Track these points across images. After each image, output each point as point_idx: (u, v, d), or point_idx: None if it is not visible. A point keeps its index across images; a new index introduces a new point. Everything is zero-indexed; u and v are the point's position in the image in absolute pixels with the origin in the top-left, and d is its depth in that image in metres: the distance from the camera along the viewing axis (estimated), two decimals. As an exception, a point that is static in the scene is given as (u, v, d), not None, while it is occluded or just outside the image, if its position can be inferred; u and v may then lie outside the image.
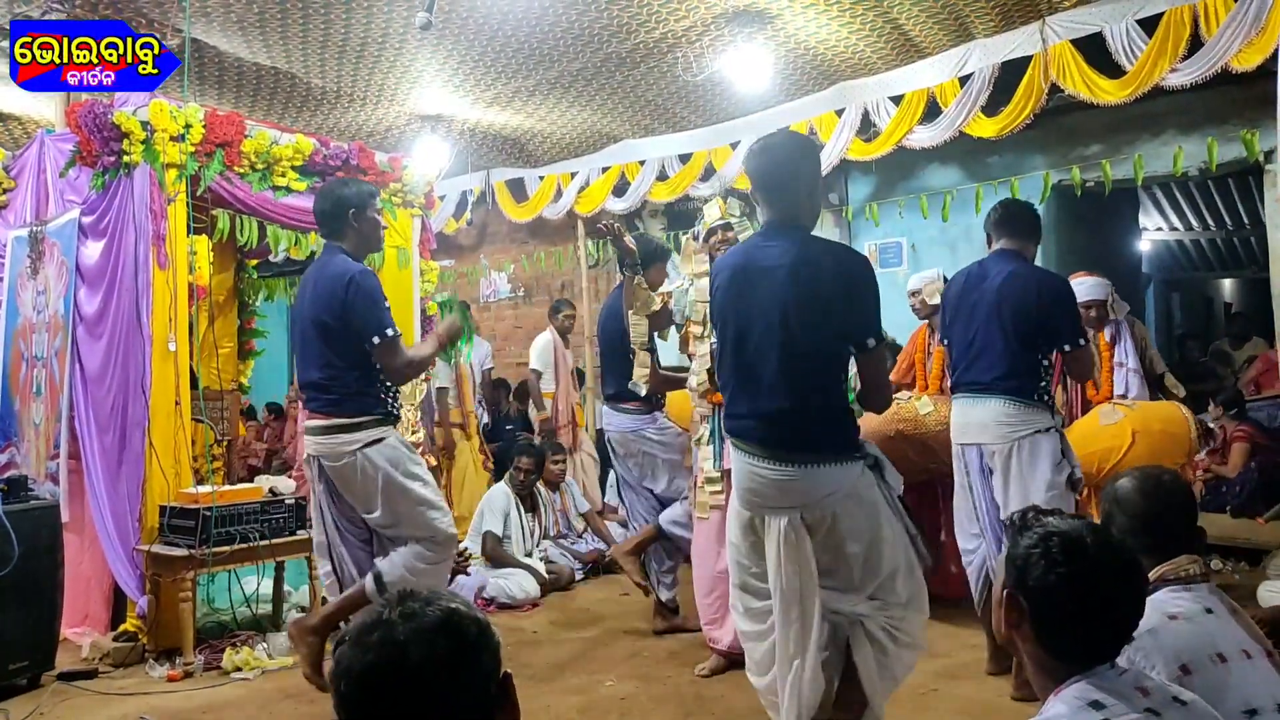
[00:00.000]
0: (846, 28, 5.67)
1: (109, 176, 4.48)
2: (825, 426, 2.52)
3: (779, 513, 2.52)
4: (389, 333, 3.27)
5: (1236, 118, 5.70)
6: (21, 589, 3.83)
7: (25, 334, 5.12)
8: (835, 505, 2.49)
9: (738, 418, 2.62)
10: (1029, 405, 3.37)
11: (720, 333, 2.68)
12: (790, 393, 2.49)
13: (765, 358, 2.52)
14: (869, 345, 2.52)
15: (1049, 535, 1.49)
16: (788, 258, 2.50)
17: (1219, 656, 1.70)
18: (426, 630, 1.11)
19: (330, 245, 3.46)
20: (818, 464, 2.48)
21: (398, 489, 3.32)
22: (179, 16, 5.17)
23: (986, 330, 3.44)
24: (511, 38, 5.73)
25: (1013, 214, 3.64)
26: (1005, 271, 3.47)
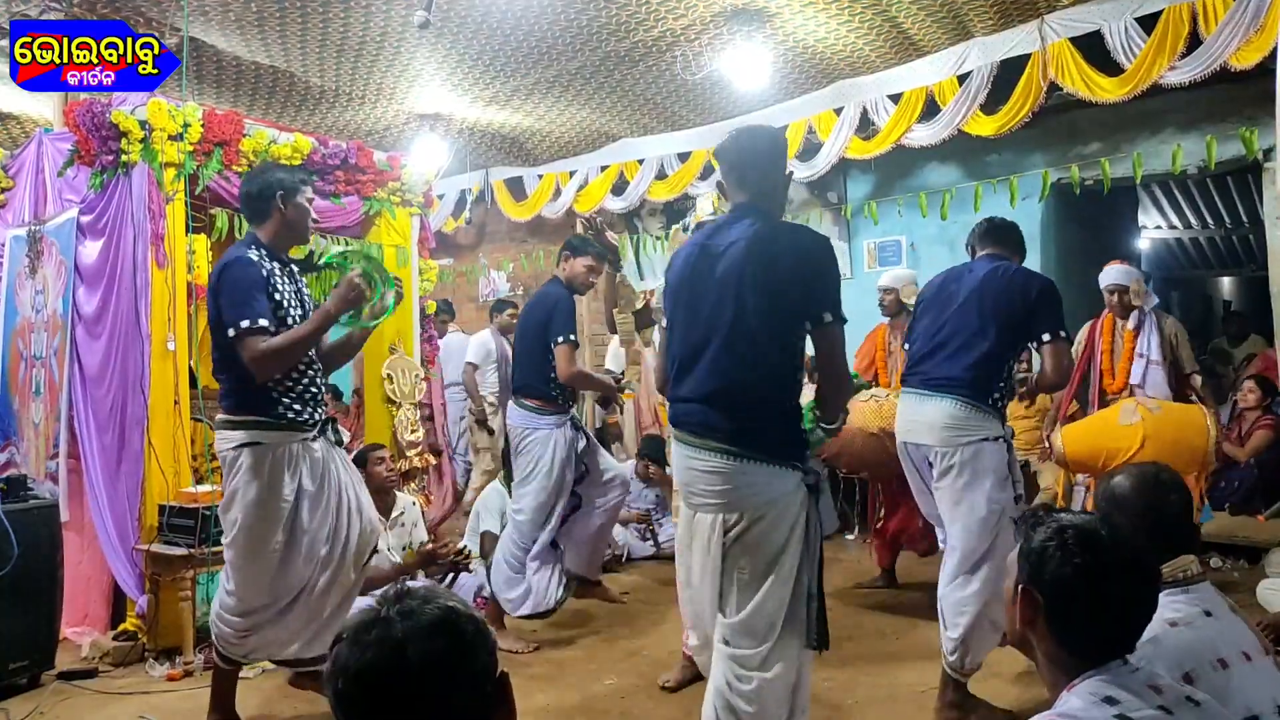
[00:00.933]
0: (845, 26, 5.67)
1: (107, 176, 4.48)
2: (765, 419, 2.36)
3: (706, 509, 2.39)
4: (244, 324, 2.97)
5: (1235, 116, 5.70)
6: (21, 588, 3.83)
7: (24, 333, 5.12)
8: (755, 511, 2.31)
9: (678, 402, 2.48)
10: (980, 410, 3.20)
11: (670, 315, 2.56)
12: (732, 373, 2.36)
13: (712, 336, 2.39)
14: (825, 319, 2.37)
15: (1064, 529, 1.50)
16: (746, 235, 2.41)
17: (1220, 662, 1.70)
18: (424, 628, 1.11)
19: (247, 235, 3.26)
20: (750, 459, 2.31)
21: (234, 503, 3.12)
22: (177, 15, 5.17)
23: (960, 318, 3.31)
24: (510, 36, 5.73)
25: (998, 226, 3.61)
26: (990, 265, 3.44)
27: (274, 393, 3.11)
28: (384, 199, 5.32)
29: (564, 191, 8.12)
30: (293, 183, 3.22)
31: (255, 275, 3.07)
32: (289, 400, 3.15)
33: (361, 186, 5.16)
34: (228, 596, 3.21)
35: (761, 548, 2.32)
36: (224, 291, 3.05)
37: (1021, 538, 1.56)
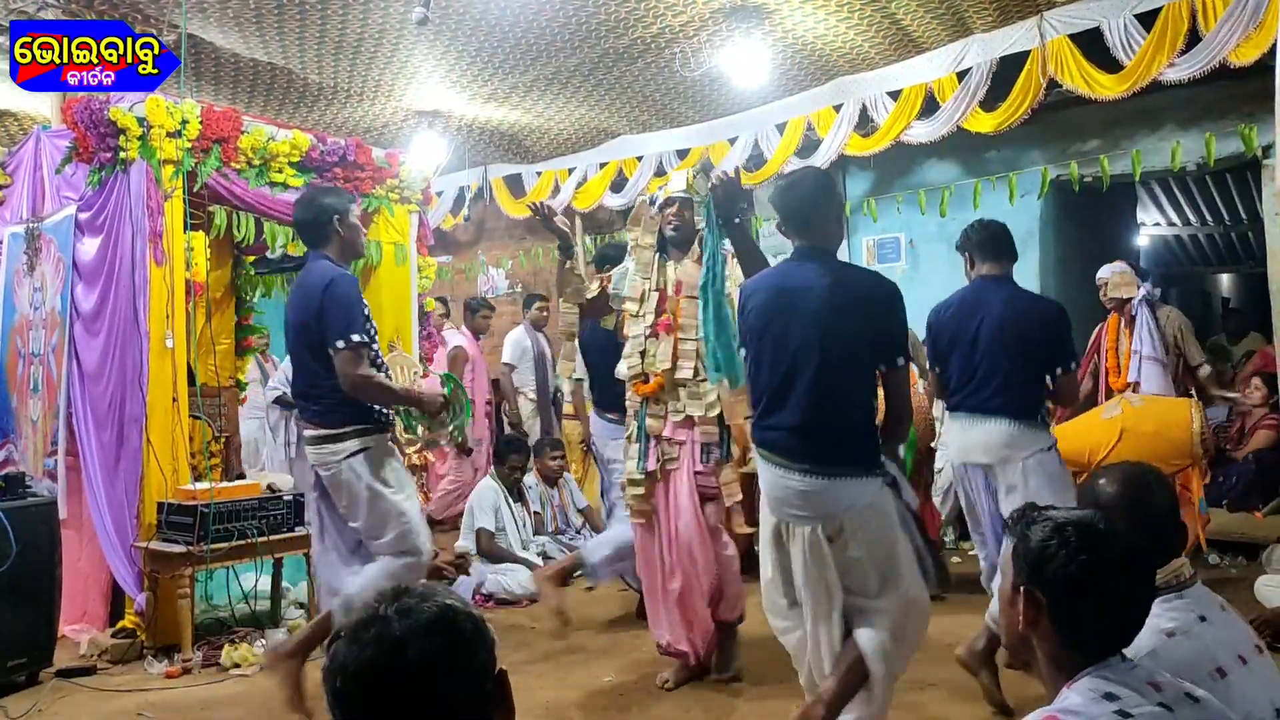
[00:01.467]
0: (844, 23, 5.66)
1: (105, 173, 4.47)
2: (852, 441, 2.70)
3: (803, 521, 2.70)
4: (354, 338, 3.22)
5: (1234, 113, 5.69)
6: (19, 586, 3.83)
7: (22, 330, 5.11)
8: (855, 517, 2.66)
9: (769, 429, 2.77)
10: (1031, 426, 3.42)
11: (754, 349, 2.83)
12: (822, 407, 2.68)
13: (800, 373, 2.69)
14: (898, 363, 2.74)
15: (1063, 526, 1.49)
16: (824, 280, 2.72)
17: (1218, 671, 1.69)
18: (422, 627, 1.11)
19: (314, 254, 3.46)
20: (842, 476, 2.66)
21: (376, 497, 3.32)
22: (175, 13, 5.16)
23: (991, 358, 3.47)
24: (509, 33, 5.73)
25: (993, 236, 3.63)
26: (1003, 299, 3.52)
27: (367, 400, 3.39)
28: (382, 196, 5.31)
29: (563, 189, 8.11)
30: (343, 205, 3.46)
31: (359, 293, 3.36)
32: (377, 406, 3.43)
33: (360, 183, 5.16)
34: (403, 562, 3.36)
35: (876, 542, 2.69)
36: (330, 305, 3.23)
37: (1015, 538, 1.54)
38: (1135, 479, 1.92)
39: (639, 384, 3.71)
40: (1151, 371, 4.97)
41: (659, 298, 3.70)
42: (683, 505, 3.64)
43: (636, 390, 3.72)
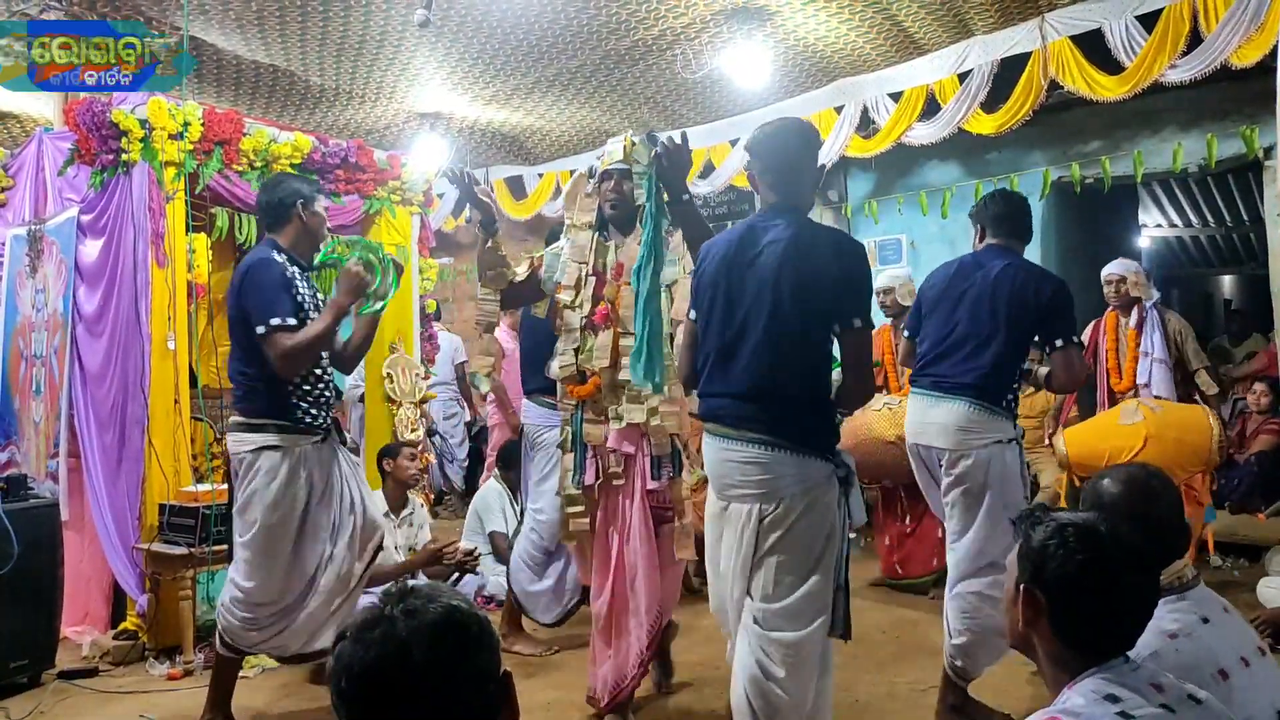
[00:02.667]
0: (846, 24, 5.67)
1: (107, 175, 4.47)
2: (800, 412, 2.44)
3: (742, 500, 2.44)
4: (273, 321, 3.07)
5: (1236, 114, 5.69)
6: (21, 587, 3.83)
7: (24, 332, 5.12)
8: (793, 500, 2.39)
9: (712, 396, 2.54)
10: (993, 413, 3.14)
11: (705, 309, 2.57)
12: (769, 368, 2.43)
13: (748, 332, 2.46)
14: (854, 324, 2.45)
15: (1064, 526, 1.49)
16: (785, 236, 2.47)
17: (1221, 674, 1.70)
18: (428, 627, 1.11)
19: (264, 241, 3.37)
20: (785, 450, 2.39)
21: (248, 504, 3.21)
22: (177, 14, 5.17)
23: (973, 319, 3.21)
24: (510, 35, 5.73)
25: (1012, 211, 3.42)
26: (1003, 263, 3.28)
27: (293, 397, 3.23)
28: (384, 198, 5.32)
29: (564, 190, 8.10)
30: (310, 192, 3.38)
31: (280, 275, 3.20)
32: (306, 404, 3.27)
33: (362, 185, 5.16)
34: (238, 591, 3.29)
35: (803, 536, 2.40)
36: (250, 291, 3.15)
37: (1020, 538, 1.55)
38: (1139, 481, 1.91)
39: (574, 385, 3.27)
40: (1160, 375, 4.94)
41: (596, 283, 3.25)
42: (634, 528, 3.21)
43: (571, 393, 3.28)
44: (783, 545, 2.39)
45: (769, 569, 2.41)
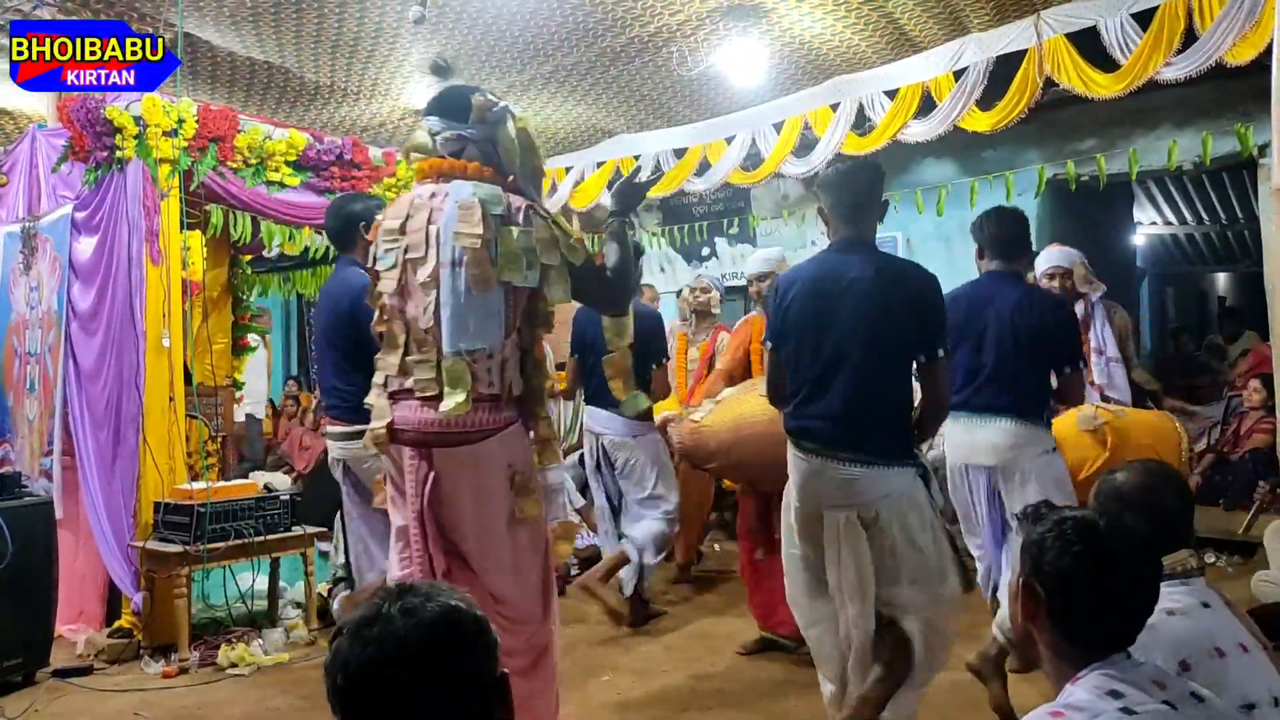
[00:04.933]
0: (841, 22, 5.67)
1: (102, 172, 4.46)
2: (889, 430, 2.72)
3: (837, 510, 2.71)
4: None
5: (1231, 112, 5.71)
6: (16, 586, 3.82)
7: (19, 330, 5.10)
8: (890, 506, 2.69)
9: (809, 418, 2.77)
10: (1035, 426, 3.35)
11: (796, 338, 2.81)
12: (864, 396, 2.69)
13: (844, 362, 2.70)
14: (938, 355, 2.75)
15: (1063, 520, 1.51)
16: (868, 269, 2.73)
17: (1217, 651, 1.71)
18: (426, 626, 1.11)
19: (343, 258, 3.74)
20: (879, 465, 2.68)
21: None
22: (172, 11, 5.15)
23: (998, 355, 3.38)
24: (505, 32, 5.72)
25: (1008, 232, 3.52)
26: (1014, 298, 3.42)
27: None
28: (380, 195, 5.31)
29: (560, 188, 8.10)
30: (368, 210, 3.61)
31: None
32: None
33: (357, 182, 5.15)
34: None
35: (913, 529, 2.72)
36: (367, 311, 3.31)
37: (1023, 533, 1.56)
38: (1155, 472, 1.99)
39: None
40: (1117, 374, 4.70)
41: None
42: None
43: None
44: (902, 542, 2.70)
45: (893, 563, 2.71)
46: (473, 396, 2.38)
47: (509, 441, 2.47)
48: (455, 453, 2.41)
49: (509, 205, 2.44)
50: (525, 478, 2.47)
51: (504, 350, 2.43)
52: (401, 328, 2.48)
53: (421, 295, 2.43)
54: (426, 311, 2.42)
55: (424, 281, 2.43)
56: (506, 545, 2.46)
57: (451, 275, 2.40)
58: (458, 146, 2.53)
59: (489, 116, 2.51)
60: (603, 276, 2.56)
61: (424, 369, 2.41)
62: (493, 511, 2.43)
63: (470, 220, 2.38)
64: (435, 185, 2.50)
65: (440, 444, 2.41)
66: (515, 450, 2.49)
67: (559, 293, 2.47)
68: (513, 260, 2.38)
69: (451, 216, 2.40)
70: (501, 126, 2.51)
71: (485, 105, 2.50)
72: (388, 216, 2.56)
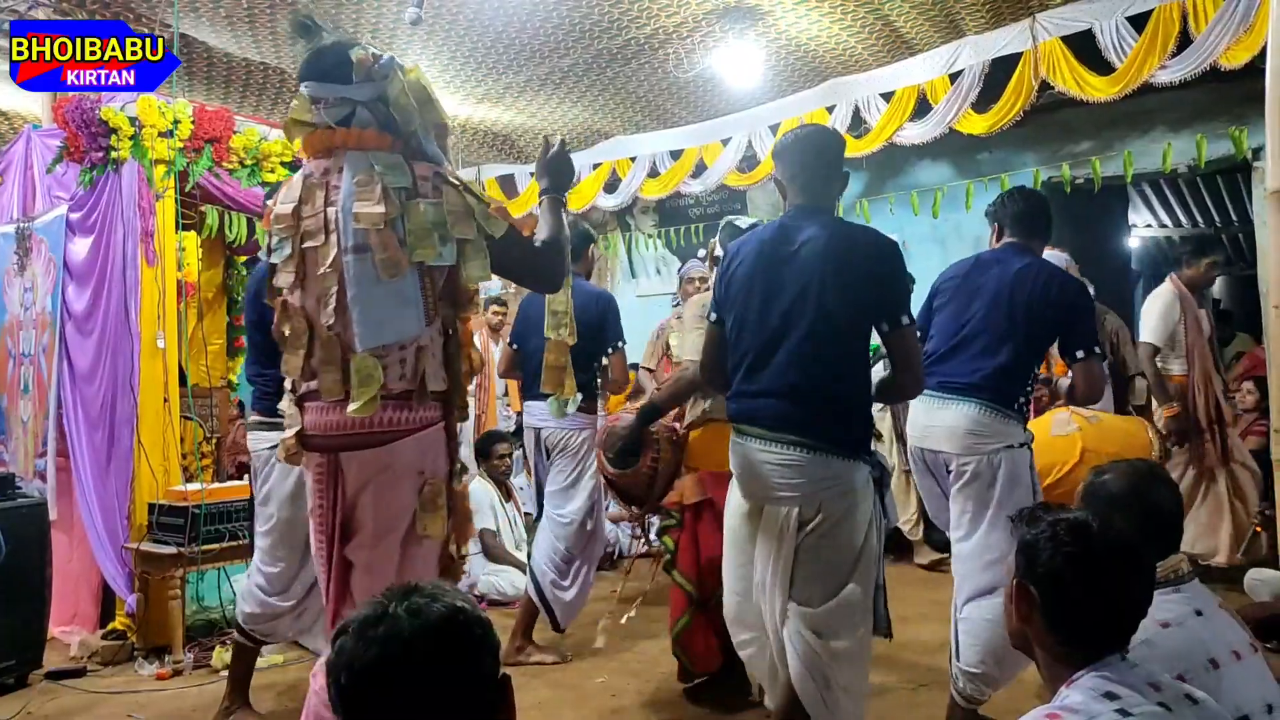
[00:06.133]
0: (837, 24, 5.68)
1: (97, 172, 4.45)
2: (838, 414, 2.42)
3: (780, 502, 2.43)
4: None
5: (1225, 115, 5.72)
6: (9, 587, 3.81)
7: (12, 331, 5.09)
8: (833, 503, 2.39)
9: (747, 397, 2.50)
10: (1004, 416, 2.98)
11: (740, 308, 2.54)
12: (809, 369, 2.41)
13: (790, 330, 2.43)
14: (903, 322, 2.45)
15: (1056, 521, 1.51)
16: (822, 234, 2.46)
17: (1212, 663, 1.71)
18: (431, 627, 1.10)
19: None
20: (823, 452, 2.38)
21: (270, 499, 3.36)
22: (168, 12, 5.15)
23: (988, 315, 3.05)
24: (502, 33, 5.73)
25: (1034, 209, 3.28)
26: (1023, 261, 3.12)
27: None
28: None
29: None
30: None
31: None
32: None
33: (352, 184, 5.15)
34: (258, 580, 3.39)
35: (845, 539, 2.40)
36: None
37: (1017, 535, 1.56)
38: (1143, 474, 1.95)
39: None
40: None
41: None
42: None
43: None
44: (824, 548, 2.40)
45: (812, 572, 2.41)
46: (381, 394, 2.08)
47: (425, 445, 2.15)
48: (362, 456, 2.11)
49: (413, 175, 2.14)
50: (435, 490, 2.15)
51: (420, 339, 2.13)
52: (304, 325, 2.18)
53: (322, 288, 2.14)
54: (329, 306, 2.12)
55: (324, 272, 2.13)
56: (394, 563, 2.13)
57: (356, 262, 2.09)
58: (344, 112, 2.19)
59: (375, 73, 2.19)
60: (529, 249, 2.27)
61: (331, 370, 2.12)
62: (390, 524, 2.12)
63: (370, 197, 2.08)
64: (328, 161, 2.19)
65: (347, 448, 2.12)
66: (430, 456, 2.16)
67: (476, 269, 2.16)
68: (424, 237, 2.08)
69: (349, 195, 2.10)
70: (392, 81, 2.19)
71: (368, 59, 2.19)
72: (279, 201, 2.25)
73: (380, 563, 2.12)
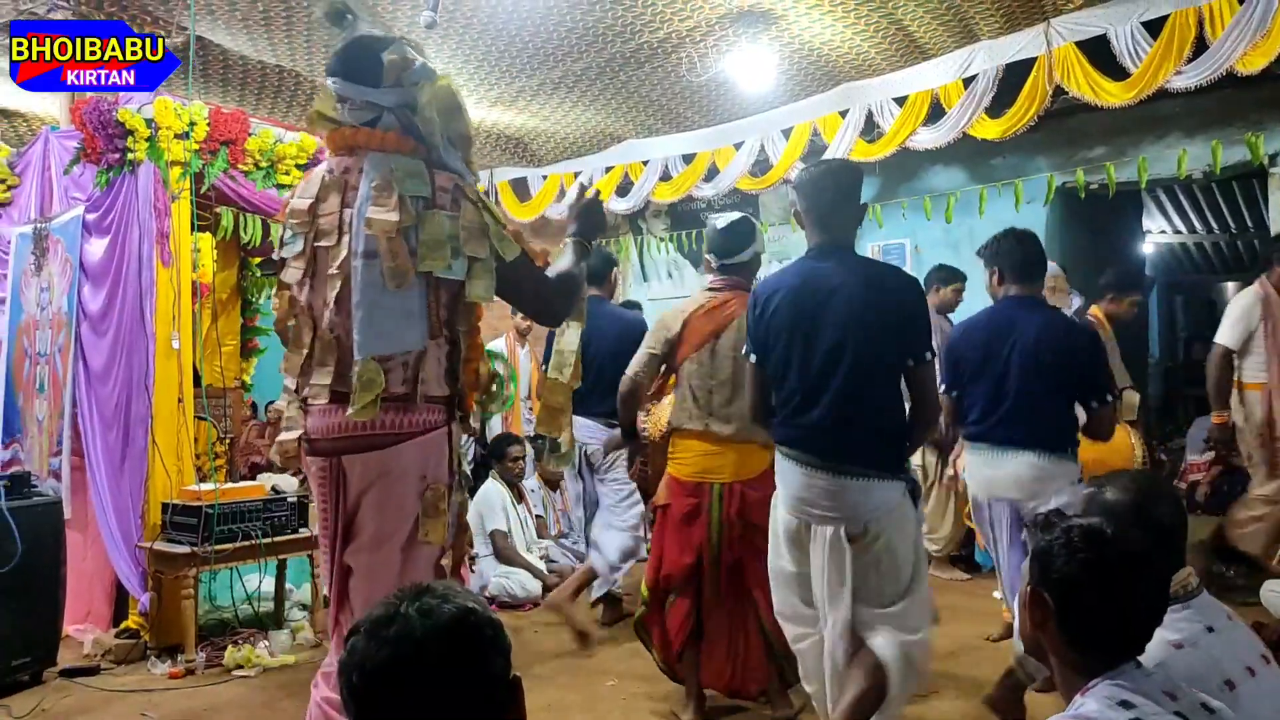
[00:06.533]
0: (851, 29, 5.67)
1: (113, 174, 4.49)
2: (881, 442, 2.67)
3: (826, 521, 2.67)
4: None
5: (1241, 120, 5.70)
6: (24, 585, 3.83)
7: (29, 330, 5.13)
8: (879, 520, 2.64)
9: (799, 428, 2.73)
10: (1062, 459, 3.21)
11: (782, 349, 2.76)
12: (854, 406, 2.64)
13: (835, 369, 2.65)
14: (926, 358, 2.68)
15: (1070, 527, 1.51)
16: (850, 278, 2.67)
17: (1227, 684, 1.68)
18: (443, 628, 1.11)
19: None
20: (869, 477, 2.63)
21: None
22: (184, 14, 5.18)
23: (1022, 385, 3.24)
24: (515, 37, 5.74)
25: (1027, 257, 3.40)
26: (1038, 323, 3.29)
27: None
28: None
29: (568, 193, 8.11)
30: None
31: None
32: None
33: (366, 186, 5.17)
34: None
35: (900, 547, 2.68)
36: None
37: (1032, 542, 1.56)
38: (1144, 486, 1.90)
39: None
40: None
41: None
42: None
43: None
44: (885, 559, 2.65)
45: (878, 580, 2.66)
46: (383, 396, 2.04)
47: (427, 449, 2.10)
48: (364, 459, 2.07)
49: (433, 184, 2.09)
50: (437, 495, 2.10)
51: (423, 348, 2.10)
52: (308, 325, 2.15)
53: (329, 289, 2.10)
54: (331, 308, 2.09)
55: (332, 273, 2.09)
56: (396, 570, 2.08)
57: (364, 268, 2.05)
58: (370, 115, 2.15)
59: (405, 79, 2.14)
60: (539, 277, 2.22)
61: (324, 373, 2.10)
62: (391, 528, 2.08)
63: (386, 203, 2.03)
64: (350, 160, 2.15)
65: (349, 450, 2.08)
66: (433, 461, 2.11)
67: (480, 289, 2.11)
68: (435, 248, 2.04)
69: (366, 199, 2.06)
70: (421, 90, 2.14)
71: (400, 64, 2.13)
72: (297, 195, 2.22)
73: (380, 568, 2.09)
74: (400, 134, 2.14)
